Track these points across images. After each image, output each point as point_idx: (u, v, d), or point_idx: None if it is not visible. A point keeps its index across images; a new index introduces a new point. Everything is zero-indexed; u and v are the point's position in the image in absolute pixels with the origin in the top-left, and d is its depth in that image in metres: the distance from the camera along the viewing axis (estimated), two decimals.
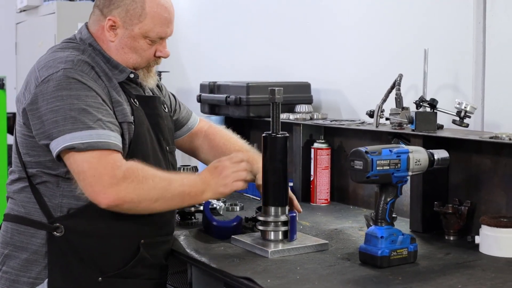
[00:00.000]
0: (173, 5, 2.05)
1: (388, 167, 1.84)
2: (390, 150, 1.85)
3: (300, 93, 2.96)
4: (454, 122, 2.22)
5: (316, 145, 2.74)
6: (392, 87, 2.40)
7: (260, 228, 2.03)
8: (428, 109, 2.28)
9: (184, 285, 2.36)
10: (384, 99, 2.40)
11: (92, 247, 1.91)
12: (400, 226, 2.03)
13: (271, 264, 1.86)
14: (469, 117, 2.21)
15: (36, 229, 1.93)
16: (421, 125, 2.22)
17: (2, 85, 4.34)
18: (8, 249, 1.97)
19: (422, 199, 2.23)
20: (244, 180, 1.98)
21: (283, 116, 2.75)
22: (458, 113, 2.21)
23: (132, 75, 2.02)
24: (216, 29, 3.85)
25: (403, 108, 2.35)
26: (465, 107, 2.19)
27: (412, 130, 2.24)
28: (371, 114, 2.44)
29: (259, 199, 2.38)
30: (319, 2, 3.08)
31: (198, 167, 2.67)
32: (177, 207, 2.01)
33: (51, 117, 1.82)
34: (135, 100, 2.01)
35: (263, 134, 2.03)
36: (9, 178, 2.04)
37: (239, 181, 1.97)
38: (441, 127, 2.29)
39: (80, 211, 1.91)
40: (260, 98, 2.89)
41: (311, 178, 2.73)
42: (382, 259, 1.82)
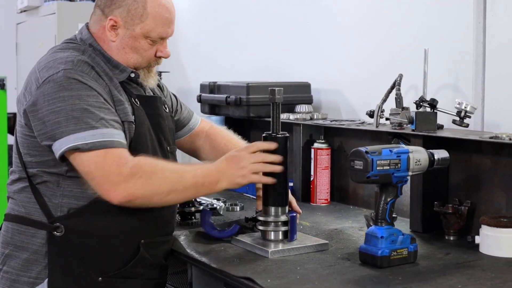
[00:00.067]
0: (174, 5, 2.06)
1: (388, 167, 1.84)
2: (390, 150, 1.86)
3: (300, 93, 2.96)
4: (454, 122, 2.22)
5: (316, 145, 2.74)
6: (392, 87, 2.41)
7: (260, 228, 2.03)
8: (428, 109, 2.28)
9: (184, 285, 2.36)
10: (384, 99, 2.40)
11: (92, 247, 1.91)
12: (400, 226, 2.03)
13: (271, 264, 1.86)
14: (469, 117, 2.21)
15: (36, 229, 1.93)
16: (421, 125, 2.22)
17: (2, 86, 4.34)
18: (8, 249, 1.98)
19: (422, 199, 2.23)
20: (262, 172, 1.96)
21: (283, 116, 2.74)
22: (458, 113, 2.21)
23: (133, 75, 2.02)
24: (216, 29, 3.85)
25: (403, 108, 2.35)
26: (465, 107, 2.19)
27: (412, 130, 2.24)
28: (371, 114, 2.44)
29: None
30: (319, 2, 3.08)
31: None
32: (192, 197, 1.96)
33: (53, 118, 1.82)
34: (136, 100, 2.01)
35: (263, 134, 2.03)
36: (10, 178, 2.04)
37: (256, 174, 1.95)
38: (441, 127, 2.29)
39: (80, 211, 1.91)
40: (260, 98, 2.89)
41: (311, 178, 2.73)
42: (382, 259, 1.82)
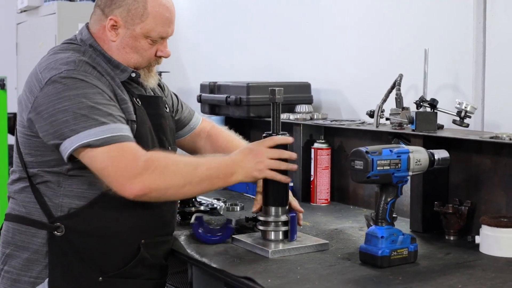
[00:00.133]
0: (174, 5, 2.06)
1: (389, 167, 1.84)
2: (391, 150, 1.85)
3: (300, 93, 2.96)
4: (454, 122, 2.23)
5: (316, 145, 2.74)
6: (392, 87, 2.41)
7: (261, 228, 2.03)
8: (428, 109, 2.28)
9: (185, 285, 2.36)
10: (384, 99, 2.40)
11: (92, 247, 1.91)
12: (400, 226, 2.03)
13: (271, 264, 1.86)
14: (469, 117, 2.21)
15: (37, 229, 1.93)
16: (421, 125, 2.22)
17: (2, 86, 4.34)
18: (9, 248, 1.98)
19: (422, 199, 2.23)
20: (278, 169, 1.96)
21: (283, 116, 2.75)
22: (459, 113, 2.21)
23: (133, 75, 2.02)
24: (216, 29, 3.86)
25: (403, 108, 2.35)
26: (465, 107, 2.19)
27: (413, 130, 2.24)
28: (371, 114, 2.44)
29: None
30: (318, 2, 3.08)
31: None
32: (207, 190, 1.94)
33: (60, 117, 1.81)
34: (138, 99, 2.01)
35: (264, 134, 2.02)
36: (10, 178, 2.04)
37: (273, 172, 1.95)
38: (441, 127, 2.29)
39: (80, 211, 1.91)
40: (260, 98, 2.89)
41: (311, 178, 2.73)
42: (383, 259, 1.82)
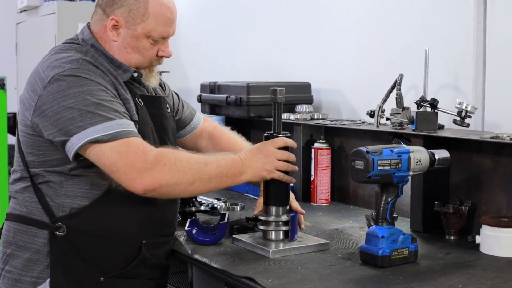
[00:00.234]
0: (175, 5, 2.06)
1: (389, 167, 1.84)
2: (391, 150, 1.85)
3: (300, 93, 2.96)
4: (454, 122, 2.23)
5: (316, 145, 2.74)
6: (393, 87, 2.41)
7: (261, 227, 2.03)
8: (428, 109, 2.28)
9: (185, 285, 2.36)
10: (385, 99, 2.40)
11: (94, 247, 1.91)
12: (400, 226, 2.03)
13: (272, 263, 1.86)
14: (470, 117, 2.21)
15: (38, 229, 1.93)
16: (421, 125, 2.22)
17: (2, 85, 4.34)
18: (10, 248, 1.98)
19: (422, 199, 2.23)
20: (286, 171, 1.97)
21: (284, 116, 2.74)
22: (459, 113, 2.21)
23: (135, 74, 2.02)
24: (216, 29, 3.85)
25: (404, 108, 2.36)
26: (465, 107, 2.19)
27: (413, 130, 2.24)
28: (371, 114, 2.44)
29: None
30: (319, 2, 3.08)
31: None
32: (215, 188, 1.94)
33: (66, 114, 1.81)
34: (140, 99, 2.01)
35: (265, 134, 2.03)
36: (11, 177, 2.04)
37: (281, 173, 1.96)
38: (441, 127, 2.29)
39: (82, 211, 1.91)
40: (260, 98, 2.89)
41: (312, 178, 2.73)
42: (383, 258, 1.82)
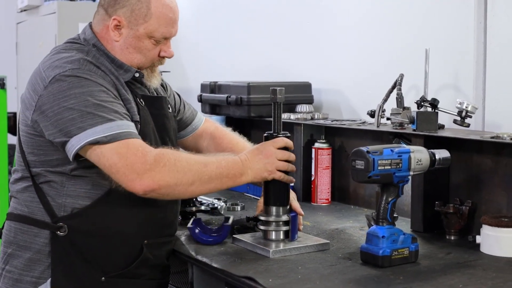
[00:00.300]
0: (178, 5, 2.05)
1: (390, 167, 1.84)
2: (392, 150, 1.86)
3: (301, 93, 2.96)
4: (455, 122, 2.23)
5: (317, 145, 2.74)
6: (393, 87, 2.41)
7: (262, 227, 2.03)
8: (429, 109, 2.28)
9: (185, 285, 2.36)
10: (385, 99, 2.40)
11: (95, 247, 1.92)
12: (401, 226, 2.03)
13: (272, 263, 1.86)
14: (470, 117, 2.21)
15: (39, 229, 1.93)
16: (422, 125, 2.22)
17: (2, 85, 4.33)
18: (11, 248, 1.98)
19: (423, 198, 2.24)
20: (286, 171, 1.97)
21: (284, 116, 2.74)
22: (459, 113, 2.21)
23: (137, 75, 2.02)
24: (216, 29, 3.85)
25: (404, 108, 2.36)
26: (466, 107, 2.20)
27: (413, 130, 2.24)
28: (372, 114, 2.44)
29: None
30: (319, 2, 3.08)
31: None
32: (216, 189, 1.93)
33: (67, 115, 1.81)
34: (141, 100, 2.01)
35: (265, 134, 2.03)
36: (12, 177, 2.04)
37: (281, 173, 1.96)
38: (442, 127, 2.29)
39: (83, 211, 1.91)
40: (261, 98, 2.89)
41: (312, 178, 2.74)
42: (383, 258, 1.82)
